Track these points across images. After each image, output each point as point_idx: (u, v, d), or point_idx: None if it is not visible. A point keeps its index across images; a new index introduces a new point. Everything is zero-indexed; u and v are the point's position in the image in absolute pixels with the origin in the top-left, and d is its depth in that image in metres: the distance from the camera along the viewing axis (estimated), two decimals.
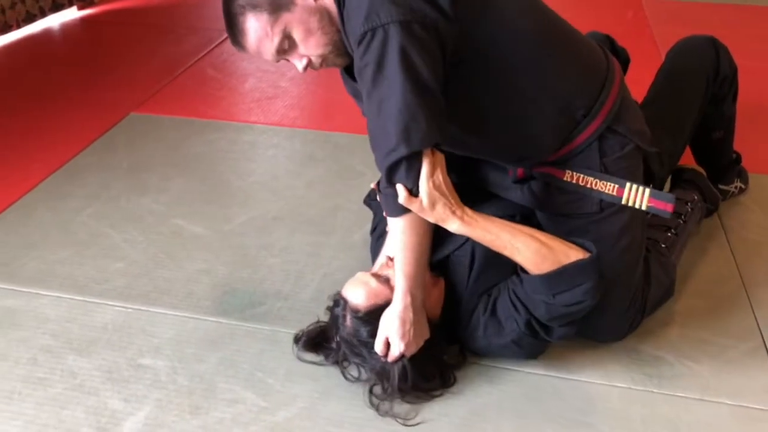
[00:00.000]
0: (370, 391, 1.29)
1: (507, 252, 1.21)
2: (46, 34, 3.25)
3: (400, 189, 1.14)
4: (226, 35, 1.27)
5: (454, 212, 1.17)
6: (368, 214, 1.69)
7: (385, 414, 1.25)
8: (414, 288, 1.22)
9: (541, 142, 1.30)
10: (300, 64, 1.24)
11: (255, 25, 1.18)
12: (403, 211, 1.17)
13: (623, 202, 1.30)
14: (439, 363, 1.33)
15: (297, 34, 1.19)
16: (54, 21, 3.38)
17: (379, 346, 1.24)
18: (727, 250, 1.70)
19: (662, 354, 1.40)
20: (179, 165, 2.08)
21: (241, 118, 2.38)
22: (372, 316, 1.25)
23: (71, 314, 1.49)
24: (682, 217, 1.54)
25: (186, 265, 1.65)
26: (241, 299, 1.54)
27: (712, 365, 1.38)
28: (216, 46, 2.96)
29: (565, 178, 1.31)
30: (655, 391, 1.32)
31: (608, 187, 1.29)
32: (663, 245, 1.48)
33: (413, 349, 1.24)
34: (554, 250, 1.20)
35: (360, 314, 1.26)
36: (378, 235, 1.52)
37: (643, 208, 1.31)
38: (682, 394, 1.31)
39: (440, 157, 1.17)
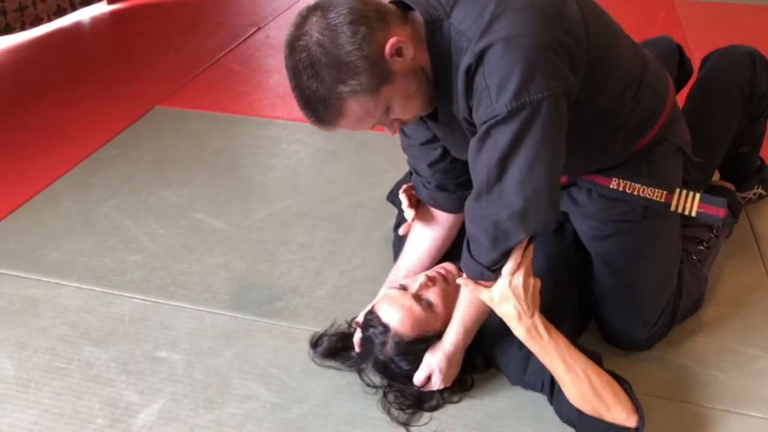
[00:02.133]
0: (385, 396, 1.27)
1: (555, 377, 1.17)
2: (76, 28, 3.28)
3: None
4: (252, 31, 1.20)
5: (520, 318, 1.12)
6: (389, 213, 1.67)
7: (396, 420, 1.23)
8: (468, 338, 1.24)
9: (606, 160, 1.27)
10: (391, 129, 1.14)
11: (356, 107, 1.04)
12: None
13: (672, 208, 1.26)
14: (463, 374, 1.31)
15: (397, 103, 1.07)
16: (84, 15, 3.42)
17: (420, 380, 1.25)
18: (757, 257, 1.64)
19: (688, 363, 1.36)
20: (201, 159, 2.08)
21: (264, 114, 2.38)
22: (416, 345, 1.24)
23: (89, 305, 1.50)
24: (714, 231, 1.50)
25: (204, 258, 1.65)
26: (258, 294, 1.53)
27: (739, 376, 1.33)
28: (242, 41, 2.97)
29: (611, 186, 1.26)
30: (678, 400, 1.28)
31: (656, 194, 1.26)
32: (695, 257, 1.44)
33: (449, 384, 1.26)
34: (601, 399, 1.13)
35: (404, 343, 1.23)
36: None
37: (693, 214, 1.26)
38: (708, 405, 1.27)
39: (530, 259, 1.12)
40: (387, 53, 1.01)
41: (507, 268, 1.11)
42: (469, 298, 1.21)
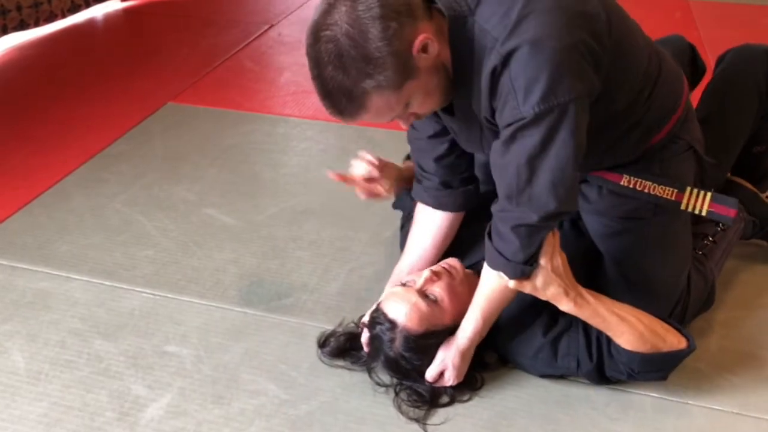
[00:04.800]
0: (396, 393, 1.26)
1: (610, 333, 1.20)
2: (89, 24, 3.30)
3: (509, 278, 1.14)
4: (265, 28, 1.18)
5: (567, 293, 1.16)
6: (399, 211, 1.67)
7: (408, 417, 1.23)
8: (484, 332, 1.24)
9: (620, 156, 1.26)
10: (407, 123, 1.13)
11: (379, 102, 1.02)
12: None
13: (683, 206, 1.26)
14: (472, 373, 1.30)
15: (417, 98, 1.06)
16: (98, 11, 3.44)
17: (433, 375, 1.25)
18: None
19: (701, 365, 1.34)
20: (213, 155, 2.08)
21: (276, 111, 2.37)
22: (425, 339, 1.24)
23: (99, 299, 1.50)
24: (721, 225, 1.47)
25: (215, 254, 1.65)
26: (267, 290, 1.53)
27: (753, 379, 1.32)
28: (255, 38, 2.97)
29: (622, 183, 1.26)
30: (690, 402, 1.27)
31: (667, 192, 1.25)
32: (700, 252, 1.42)
33: (461, 380, 1.26)
34: (656, 333, 1.19)
35: (412, 338, 1.23)
36: (407, 230, 1.49)
37: (703, 213, 1.26)
38: (720, 408, 1.26)
39: (558, 238, 1.16)
40: (415, 50, 1.00)
41: (544, 254, 1.13)
42: (488, 291, 1.21)
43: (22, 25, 2.93)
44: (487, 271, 1.19)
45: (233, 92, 2.50)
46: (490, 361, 1.33)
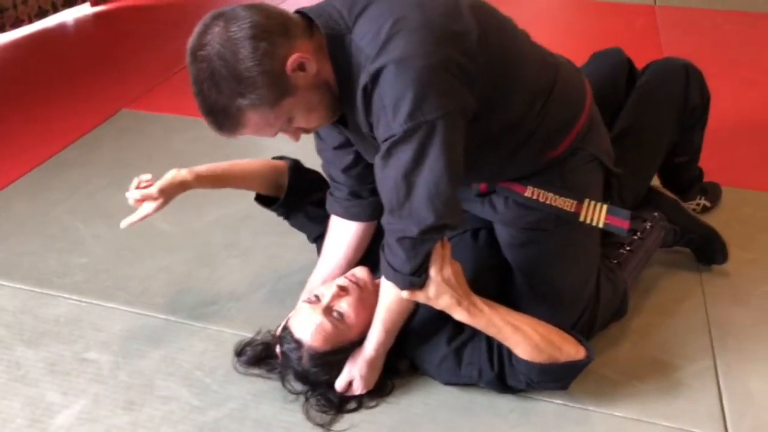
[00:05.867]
0: (306, 399, 1.29)
1: (506, 343, 1.22)
2: (60, 29, 3.34)
3: (403, 287, 1.16)
4: None
5: (460, 303, 1.18)
6: None
7: (314, 422, 1.26)
8: (389, 342, 1.27)
9: (519, 168, 1.28)
10: (294, 137, 1.16)
11: (255, 118, 1.05)
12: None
13: (581, 218, 1.28)
14: (384, 379, 1.33)
15: (299, 114, 1.09)
16: (68, 16, 3.47)
17: (341, 385, 1.28)
18: (693, 267, 1.65)
19: (608, 372, 1.37)
20: (159, 161, 2.11)
21: None
22: (332, 356, 1.27)
23: (27, 306, 1.53)
24: (638, 234, 1.50)
25: (147, 261, 1.68)
26: (194, 298, 1.56)
27: (658, 386, 1.34)
28: None
29: (526, 194, 1.28)
30: (591, 409, 1.29)
31: (567, 204, 1.28)
32: (614, 261, 1.45)
33: (371, 388, 1.29)
34: (552, 344, 1.21)
35: (318, 355, 1.26)
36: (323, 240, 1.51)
37: (600, 225, 1.28)
38: (619, 414, 1.28)
39: (449, 249, 1.17)
40: (288, 68, 1.03)
41: (433, 265, 1.15)
42: (388, 302, 1.23)
43: None
44: (384, 282, 1.22)
45: (186, 98, 2.50)
46: (402, 368, 1.36)
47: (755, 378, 1.36)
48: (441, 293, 1.16)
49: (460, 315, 1.19)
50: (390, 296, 1.22)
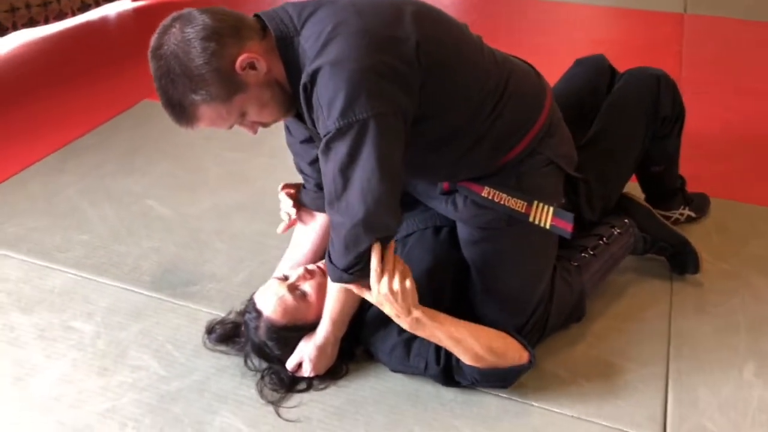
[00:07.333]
0: (262, 377, 1.38)
1: (451, 351, 1.28)
2: (101, 22, 3.52)
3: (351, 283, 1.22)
4: None
5: (399, 317, 1.23)
6: None
7: (265, 399, 1.34)
8: (338, 331, 1.34)
9: (473, 169, 1.33)
10: (251, 130, 1.23)
11: (208, 112, 1.13)
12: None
13: (530, 219, 1.33)
14: (339, 363, 1.40)
15: (251, 109, 1.16)
16: (110, 10, 3.66)
17: (292, 366, 1.36)
18: (666, 275, 1.66)
19: (559, 371, 1.41)
20: (168, 150, 2.24)
21: None
22: (287, 332, 1.35)
23: (28, 276, 1.67)
24: (604, 239, 1.53)
25: (143, 242, 1.80)
26: (178, 278, 1.67)
27: (604, 386, 1.37)
28: None
29: (483, 194, 1.33)
30: (534, 404, 1.34)
31: (518, 204, 1.32)
32: (574, 263, 1.48)
33: (320, 372, 1.37)
34: (494, 353, 1.28)
35: (274, 328, 1.35)
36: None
37: (547, 226, 1.33)
38: (559, 411, 1.32)
39: (391, 260, 1.18)
40: (238, 67, 1.11)
41: (372, 278, 1.18)
42: (335, 294, 1.30)
43: (32, 23, 3.16)
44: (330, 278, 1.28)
45: None
46: (357, 353, 1.43)
47: (704, 386, 1.38)
48: (380, 304, 1.22)
49: (402, 325, 1.25)
50: (336, 287, 1.29)
